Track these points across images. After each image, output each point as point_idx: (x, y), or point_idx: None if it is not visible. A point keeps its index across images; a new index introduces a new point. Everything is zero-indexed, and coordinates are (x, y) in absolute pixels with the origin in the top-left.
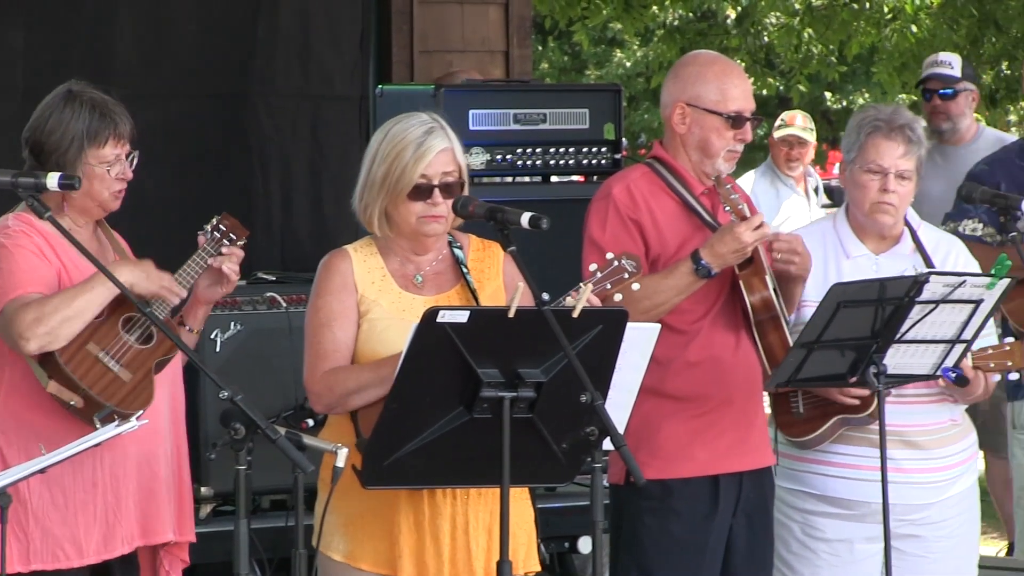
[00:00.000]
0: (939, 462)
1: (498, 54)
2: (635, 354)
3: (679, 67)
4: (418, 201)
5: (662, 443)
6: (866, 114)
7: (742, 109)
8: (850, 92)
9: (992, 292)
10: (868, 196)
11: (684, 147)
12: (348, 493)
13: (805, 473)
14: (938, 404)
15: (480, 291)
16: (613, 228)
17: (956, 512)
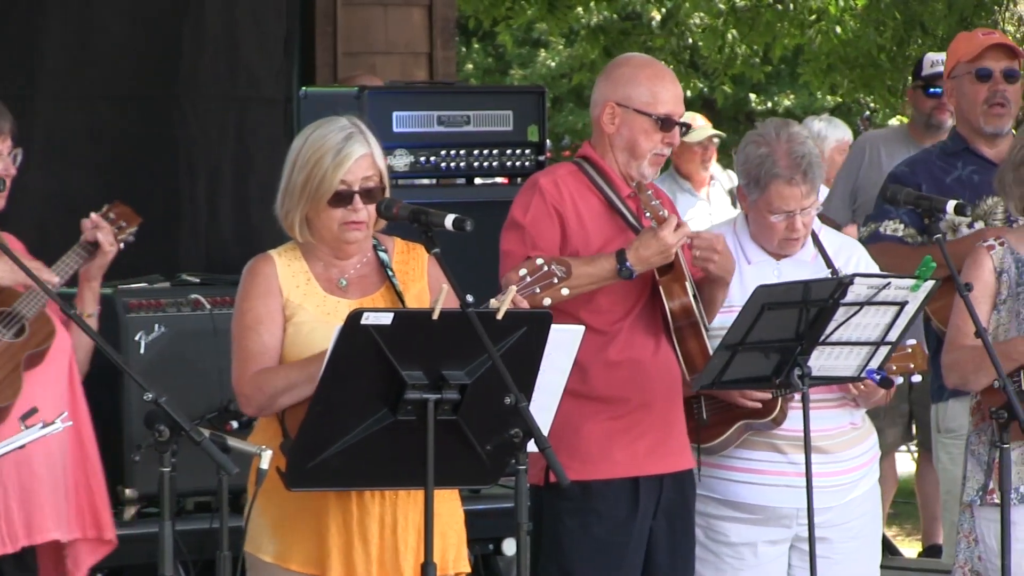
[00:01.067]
0: (841, 465)
1: (422, 56)
2: (559, 356)
3: (611, 67)
4: (339, 208)
5: (582, 444)
6: (759, 152)
7: (672, 112)
8: (775, 93)
9: (916, 294)
10: (776, 234)
11: (612, 147)
12: (277, 494)
13: (709, 478)
14: (839, 408)
15: (405, 293)
16: (535, 213)
17: (859, 513)
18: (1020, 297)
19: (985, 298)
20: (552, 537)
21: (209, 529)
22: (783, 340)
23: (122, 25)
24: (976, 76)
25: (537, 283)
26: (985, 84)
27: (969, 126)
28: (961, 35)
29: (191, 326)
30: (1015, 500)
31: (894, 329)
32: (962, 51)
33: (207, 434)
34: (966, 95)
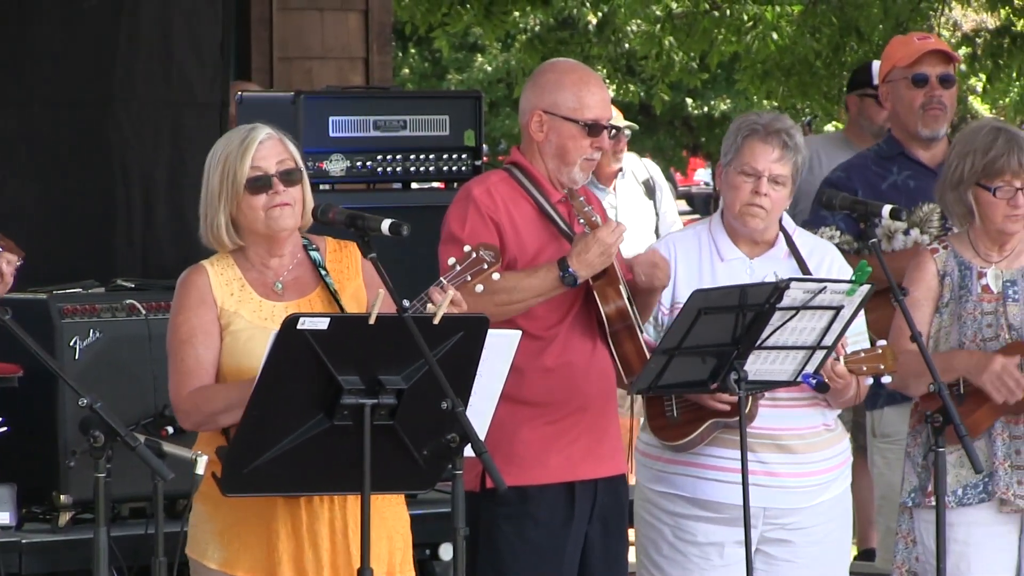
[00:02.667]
0: (811, 467)
1: (358, 60)
2: (496, 361)
3: (537, 75)
4: (259, 194)
5: (518, 449)
6: (746, 118)
7: (599, 117)
8: (711, 99)
9: (852, 298)
10: (740, 197)
11: (541, 154)
12: (223, 500)
13: (676, 476)
14: (811, 408)
15: (341, 292)
16: (473, 224)
17: (827, 518)
18: (962, 301)
19: (927, 301)
20: (489, 542)
21: (144, 535)
22: (720, 344)
23: (55, 30)
24: (912, 81)
25: (467, 271)
26: (921, 89)
27: (905, 131)
28: (896, 39)
29: (126, 331)
30: (951, 502)
31: (830, 333)
32: (898, 56)
33: (142, 439)
34: (902, 100)
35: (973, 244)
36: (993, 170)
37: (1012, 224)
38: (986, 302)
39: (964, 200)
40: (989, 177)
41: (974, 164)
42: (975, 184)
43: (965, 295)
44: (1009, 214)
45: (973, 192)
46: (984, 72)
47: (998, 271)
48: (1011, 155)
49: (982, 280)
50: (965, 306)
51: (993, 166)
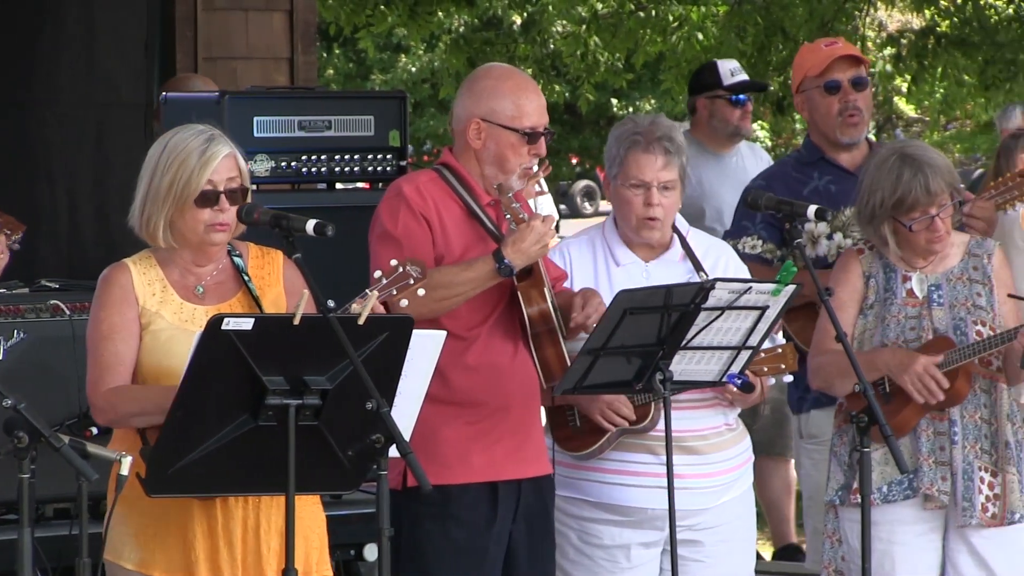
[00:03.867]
0: (715, 467)
1: (283, 61)
2: (421, 361)
3: (473, 81)
4: (205, 208)
5: (440, 448)
6: (624, 128)
7: (537, 124)
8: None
9: (777, 299)
10: (633, 211)
11: (479, 162)
12: (138, 501)
13: (582, 481)
14: (712, 408)
15: (262, 298)
16: (405, 222)
17: (733, 516)
18: (887, 304)
19: (852, 302)
20: (412, 542)
21: (68, 536)
22: (645, 345)
23: None
24: (825, 89)
25: (393, 284)
26: (835, 96)
27: (824, 137)
28: (804, 48)
29: (50, 332)
30: (876, 499)
31: (755, 334)
32: (808, 65)
33: (66, 440)
34: (818, 108)
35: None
36: (904, 206)
37: (936, 245)
38: (911, 306)
39: (879, 234)
40: (902, 212)
41: (883, 201)
42: (889, 218)
43: (890, 298)
44: (931, 238)
45: (889, 226)
46: (909, 73)
47: (923, 276)
48: (919, 188)
49: (907, 284)
50: (890, 309)
51: (904, 203)
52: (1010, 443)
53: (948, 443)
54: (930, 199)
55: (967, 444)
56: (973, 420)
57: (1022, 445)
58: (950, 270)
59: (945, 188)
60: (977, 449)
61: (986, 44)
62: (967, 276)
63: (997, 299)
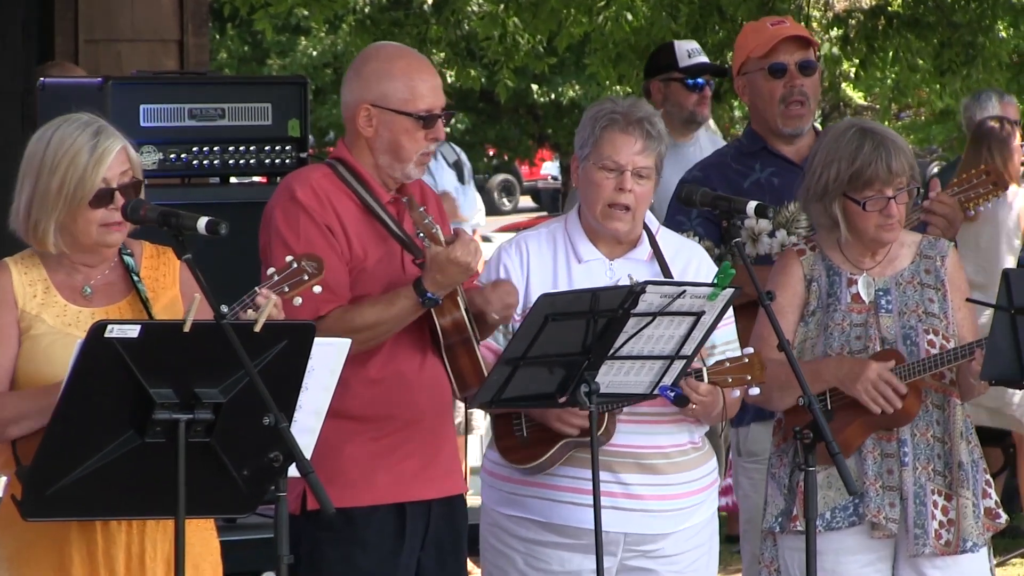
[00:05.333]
0: (677, 488)
1: (171, 43)
2: (323, 372)
3: (360, 63)
4: (99, 208)
5: (343, 468)
6: (602, 107)
7: (433, 107)
8: (559, 85)
9: (714, 303)
10: (601, 195)
11: (372, 151)
12: (15, 524)
13: (529, 498)
14: (677, 424)
15: (154, 302)
16: (307, 234)
17: (694, 544)
18: (830, 309)
19: (792, 308)
20: (312, 570)
21: None
22: (569, 354)
23: None
24: (769, 72)
25: (286, 281)
26: (780, 80)
27: (766, 125)
28: (748, 27)
29: None
30: (819, 527)
31: (689, 342)
32: (751, 45)
33: None
34: (760, 93)
35: (843, 248)
36: (861, 181)
37: (886, 233)
38: (856, 312)
39: (830, 212)
40: (857, 188)
41: (839, 174)
42: (842, 195)
43: (833, 304)
44: (882, 224)
45: (840, 204)
46: (858, 56)
47: (870, 279)
48: (879, 162)
49: (852, 288)
50: (833, 316)
51: (861, 176)
52: (964, 463)
53: (897, 465)
54: (889, 178)
55: (918, 465)
56: (925, 439)
57: (978, 465)
58: (900, 273)
59: (905, 171)
60: (929, 470)
61: (942, 25)
62: (918, 280)
63: (951, 305)
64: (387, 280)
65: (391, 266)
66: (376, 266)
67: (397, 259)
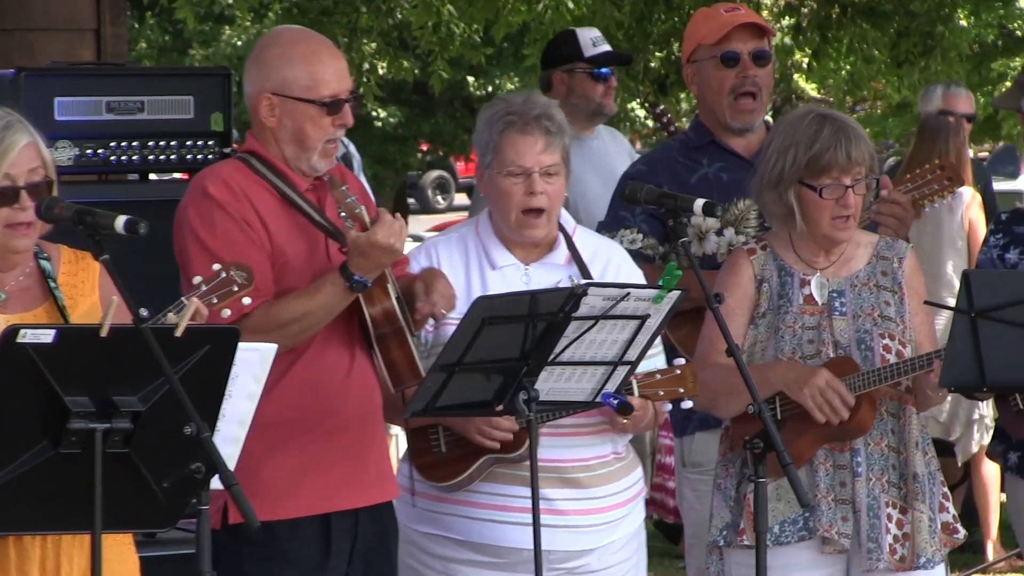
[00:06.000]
0: (601, 502)
1: (88, 33)
2: (247, 379)
3: (260, 50)
4: (2, 208)
5: (265, 479)
6: (495, 109)
7: (338, 92)
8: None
9: (660, 307)
10: (513, 202)
11: (277, 141)
12: None
13: (447, 515)
14: (599, 435)
15: (72, 309)
16: (225, 230)
17: (620, 559)
18: (781, 311)
19: (741, 310)
20: None
21: None
22: (507, 360)
23: None
24: (721, 61)
25: (214, 292)
26: (732, 70)
27: (714, 118)
28: (700, 13)
29: None
30: (768, 542)
31: (634, 347)
32: (703, 32)
33: None
34: (710, 83)
35: (795, 247)
36: (819, 166)
37: (840, 230)
38: (808, 315)
39: (784, 200)
40: (814, 175)
41: (796, 159)
42: (797, 182)
43: (785, 305)
44: (838, 215)
45: (795, 191)
46: (810, 46)
47: (823, 279)
48: (839, 148)
49: (805, 289)
50: (784, 318)
51: (819, 161)
52: (919, 475)
53: (850, 477)
54: (848, 165)
55: (872, 476)
56: (879, 448)
57: (935, 478)
58: (855, 274)
59: (865, 161)
60: (884, 482)
61: (899, 14)
62: (874, 282)
63: (908, 309)
64: (313, 272)
65: (316, 257)
66: (300, 258)
67: (322, 249)
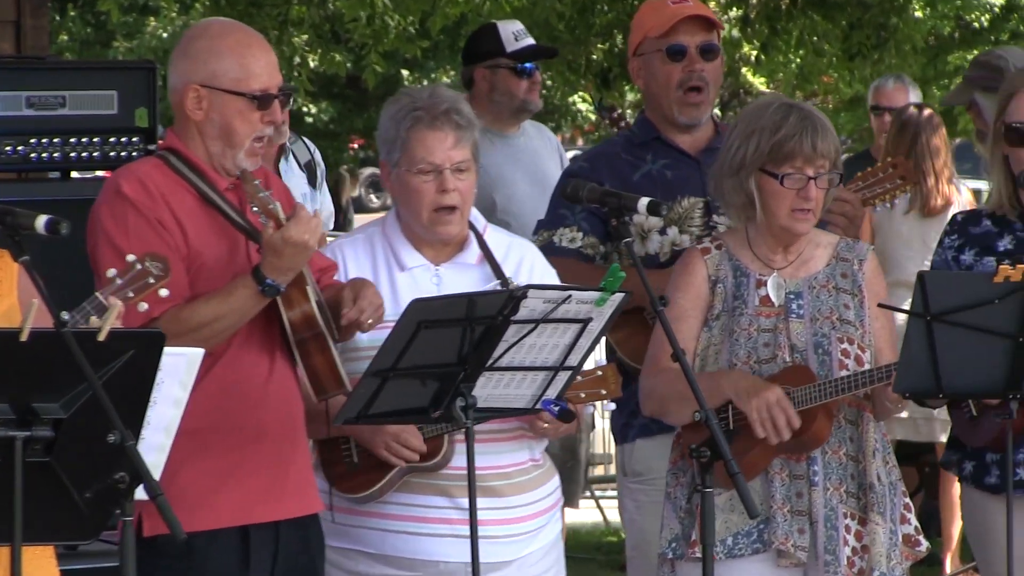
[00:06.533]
0: (519, 511)
1: (7, 25)
2: (173, 385)
3: (188, 41)
4: None
5: (182, 488)
6: (400, 104)
7: (268, 86)
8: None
9: (602, 310)
10: (425, 202)
11: (202, 136)
12: None
13: (360, 528)
14: (516, 441)
15: None
16: (138, 231)
17: (539, 570)
18: (736, 313)
19: (695, 312)
20: None
21: None
22: (443, 365)
23: None
24: (667, 54)
25: (129, 285)
26: (678, 63)
27: (661, 113)
28: (647, 4)
29: None
30: (719, 553)
31: (575, 351)
32: (650, 23)
33: None
34: (656, 77)
35: (752, 245)
36: (782, 153)
37: (799, 222)
38: (764, 316)
39: (745, 188)
40: (776, 162)
41: (759, 145)
42: (759, 170)
43: (740, 307)
44: (798, 207)
45: (756, 179)
46: (759, 39)
47: (780, 280)
48: (804, 136)
49: (761, 290)
50: (739, 320)
51: (782, 148)
52: (875, 485)
53: (807, 487)
54: (812, 156)
55: (829, 486)
56: (837, 457)
57: (896, 488)
58: (814, 276)
59: (830, 154)
60: (842, 492)
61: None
62: (833, 284)
63: (868, 313)
64: (232, 274)
65: (236, 259)
66: (219, 260)
67: (242, 251)
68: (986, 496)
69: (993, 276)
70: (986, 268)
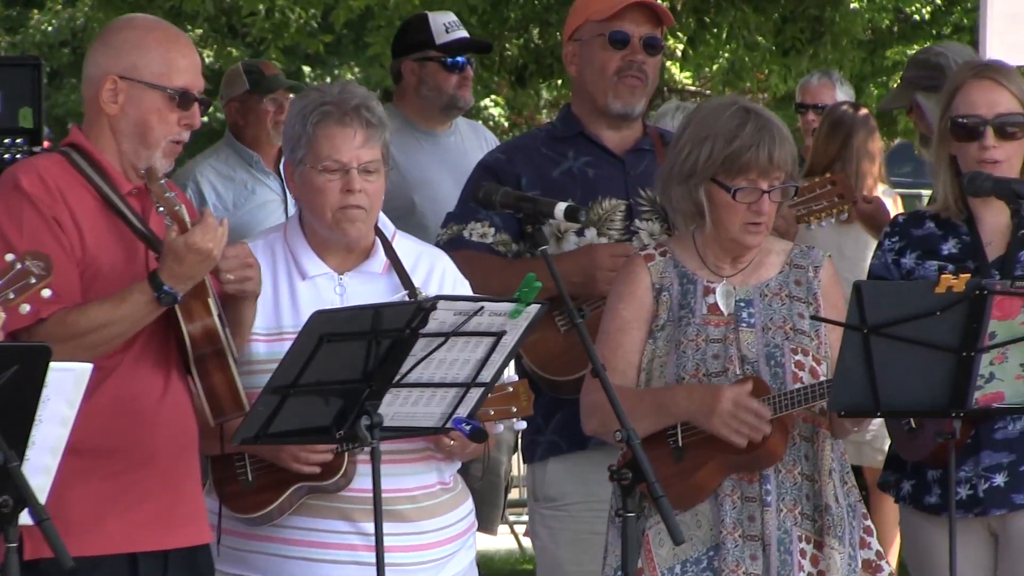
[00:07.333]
0: (428, 536)
1: None
2: (59, 403)
3: (111, 32)
4: None
5: (67, 510)
6: (307, 100)
7: (190, 85)
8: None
9: (517, 322)
10: (329, 202)
11: (115, 133)
12: None
13: (254, 553)
14: (424, 462)
15: None
16: (32, 227)
17: None
18: (683, 323)
19: (638, 322)
20: None
21: None
22: (347, 381)
23: None
24: (609, 41)
25: (10, 286)
26: (619, 52)
27: (591, 103)
28: None
29: None
30: None
31: (488, 367)
32: (593, 7)
33: None
34: (592, 63)
35: (700, 251)
36: (736, 165)
37: (751, 235)
38: (713, 325)
39: (694, 197)
40: (730, 173)
41: (712, 154)
42: (710, 180)
43: (687, 316)
44: (750, 221)
45: (707, 189)
46: (685, 32)
47: (730, 287)
48: (761, 148)
49: (709, 298)
50: (686, 330)
51: (737, 160)
52: (831, 507)
53: (759, 509)
54: (768, 168)
55: (783, 507)
56: (791, 476)
57: (855, 510)
58: (765, 283)
59: (787, 165)
60: (796, 514)
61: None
62: (787, 292)
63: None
64: (129, 282)
65: (133, 267)
66: (115, 267)
67: (141, 259)
68: (926, 517)
69: (935, 286)
70: (928, 272)
